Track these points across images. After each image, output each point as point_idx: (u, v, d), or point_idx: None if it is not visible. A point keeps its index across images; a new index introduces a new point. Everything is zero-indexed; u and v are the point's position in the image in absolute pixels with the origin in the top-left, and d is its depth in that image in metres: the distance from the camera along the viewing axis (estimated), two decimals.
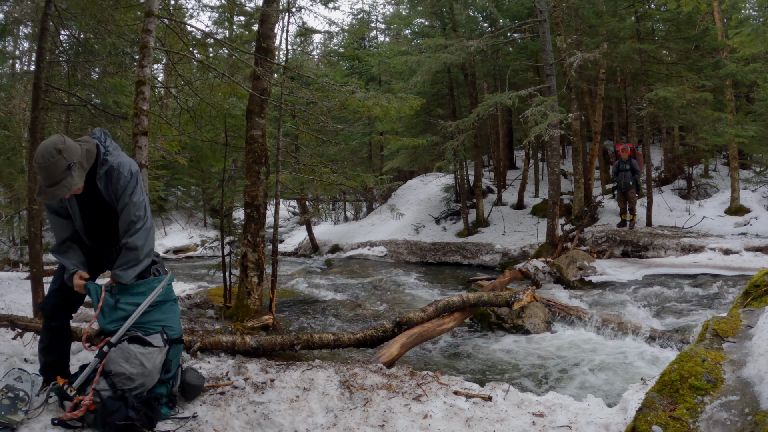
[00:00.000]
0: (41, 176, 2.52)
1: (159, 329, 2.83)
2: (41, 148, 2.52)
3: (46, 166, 2.48)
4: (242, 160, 7.33)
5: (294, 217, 21.37)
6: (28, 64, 14.26)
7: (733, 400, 2.07)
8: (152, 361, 2.72)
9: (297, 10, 7.17)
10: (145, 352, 2.70)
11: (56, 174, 2.50)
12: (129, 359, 2.66)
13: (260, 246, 5.73)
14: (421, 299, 8.16)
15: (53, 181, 2.51)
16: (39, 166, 2.49)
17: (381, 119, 7.66)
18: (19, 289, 6.98)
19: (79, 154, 2.59)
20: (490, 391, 3.25)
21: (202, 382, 3.12)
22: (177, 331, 2.94)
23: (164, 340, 2.81)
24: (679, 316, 6.01)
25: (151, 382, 2.73)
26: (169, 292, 2.99)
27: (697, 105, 10.93)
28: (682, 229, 10.63)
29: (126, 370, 2.64)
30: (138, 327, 2.78)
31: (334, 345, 4.56)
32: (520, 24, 11.84)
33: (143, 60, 3.94)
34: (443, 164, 12.41)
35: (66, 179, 2.52)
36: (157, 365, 2.75)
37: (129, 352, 2.68)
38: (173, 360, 2.88)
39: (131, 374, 2.64)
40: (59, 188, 2.52)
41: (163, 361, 2.80)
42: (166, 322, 2.89)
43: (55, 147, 2.49)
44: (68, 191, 2.56)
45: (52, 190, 2.52)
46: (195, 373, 3.12)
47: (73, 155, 2.55)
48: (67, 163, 2.51)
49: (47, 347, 2.88)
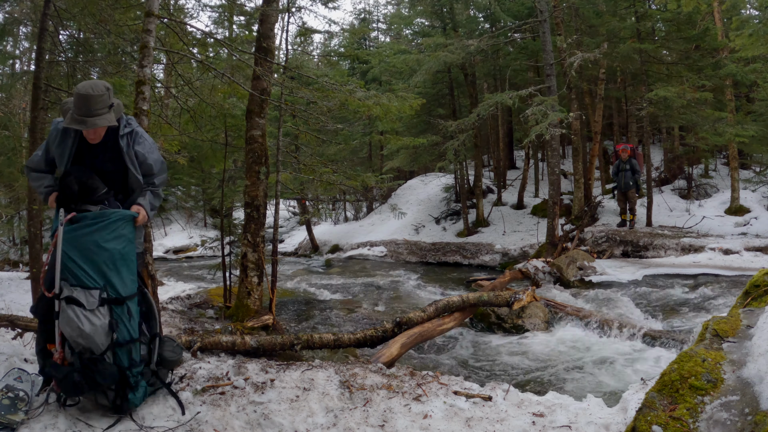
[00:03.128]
0: (82, 105, 2.62)
1: (99, 285, 2.65)
2: (89, 82, 2.71)
3: (93, 96, 2.62)
4: (242, 160, 7.33)
5: (294, 217, 21.36)
6: (28, 64, 14.25)
7: (733, 400, 2.07)
8: (90, 323, 2.58)
9: (297, 9, 7.16)
10: (79, 314, 2.58)
11: (100, 107, 2.65)
12: (69, 322, 2.58)
13: (260, 246, 5.73)
14: (421, 299, 8.16)
15: (94, 113, 2.64)
16: (85, 95, 2.61)
17: (381, 119, 7.66)
18: (19, 289, 6.98)
19: (117, 102, 2.80)
20: (490, 391, 3.25)
21: (178, 356, 3.00)
22: (128, 287, 2.75)
23: (101, 299, 2.63)
24: (679, 316, 6.01)
25: (94, 345, 2.60)
26: (129, 234, 2.81)
27: (697, 105, 10.92)
28: (682, 229, 10.62)
29: (68, 333, 2.60)
30: (80, 278, 2.63)
31: (334, 345, 4.56)
32: (521, 24, 11.84)
33: (143, 60, 3.94)
34: (444, 164, 12.41)
35: (105, 114, 2.68)
36: (98, 327, 2.60)
37: (67, 315, 2.58)
38: (119, 321, 2.68)
39: (71, 337, 2.59)
40: (100, 119, 2.66)
41: (108, 322, 2.64)
42: (111, 276, 2.68)
43: (104, 85, 2.70)
44: (107, 123, 2.69)
45: (91, 119, 2.64)
46: (172, 344, 3.02)
47: (114, 100, 2.76)
48: (110, 102, 2.71)
49: (44, 349, 2.85)
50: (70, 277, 2.63)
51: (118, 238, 2.74)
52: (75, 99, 2.63)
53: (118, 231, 2.75)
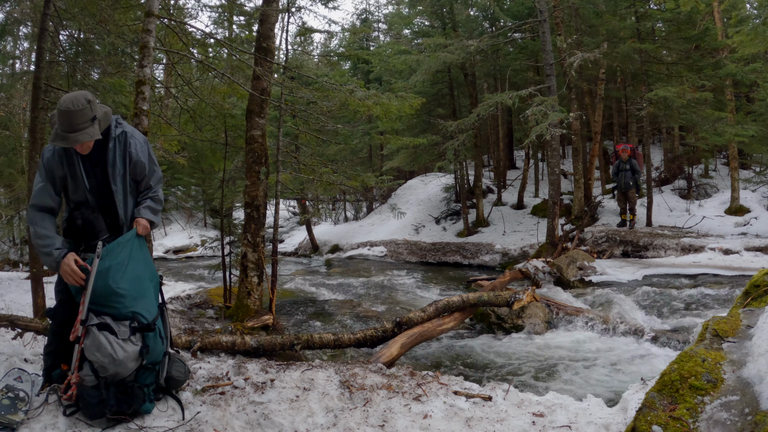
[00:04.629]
0: (63, 122, 2.57)
1: (129, 315, 2.69)
2: (70, 96, 2.62)
3: (74, 112, 2.57)
4: (242, 160, 7.33)
5: (294, 217, 21.36)
6: (28, 64, 14.26)
7: (733, 400, 2.07)
8: (123, 350, 2.62)
9: (297, 9, 7.18)
10: (112, 342, 2.61)
11: (81, 121, 2.59)
12: (100, 348, 2.59)
13: (260, 246, 5.73)
14: (421, 299, 8.16)
15: (76, 128, 2.59)
16: (65, 110, 2.56)
17: (381, 118, 7.65)
18: (19, 289, 6.98)
19: (101, 112, 2.74)
20: (490, 391, 3.25)
21: (184, 376, 3.04)
22: (152, 313, 2.81)
23: (132, 328, 2.68)
24: (679, 316, 6.01)
25: (124, 370, 2.64)
26: (146, 254, 2.88)
27: (697, 105, 10.92)
28: (682, 229, 10.62)
29: (98, 359, 2.60)
30: (109, 307, 2.67)
31: (334, 345, 4.56)
32: (521, 24, 11.84)
33: (143, 60, 3.94)
34: (443, 164, 12.41)
35: (88, 128, 2.63)
36: (130, 354, 2.65)
37: (99, 341, 2.60)
38: (151, 345, 2.75)
39: (103, 363, 2.60)
40: (81, 134, 2.60)
41: (139, 348, 2.69)
42: (137, 307, 2.73)
43: (85, 97, 2.63)
44: (89, 138, 2.63)
45: (73, 135, 2.58)
46: (181, 365, 3.04)
47: (97, 111, 2.69)
48: (92, 115, 2.64)
49: (55, 350, 2.85)
50: (105, 308, 2.66)
51: (140, 262, 2.80)
52: (57, 114, 2.60)
53: (142, 254, 2.82)
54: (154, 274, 2.93)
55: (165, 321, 2.97)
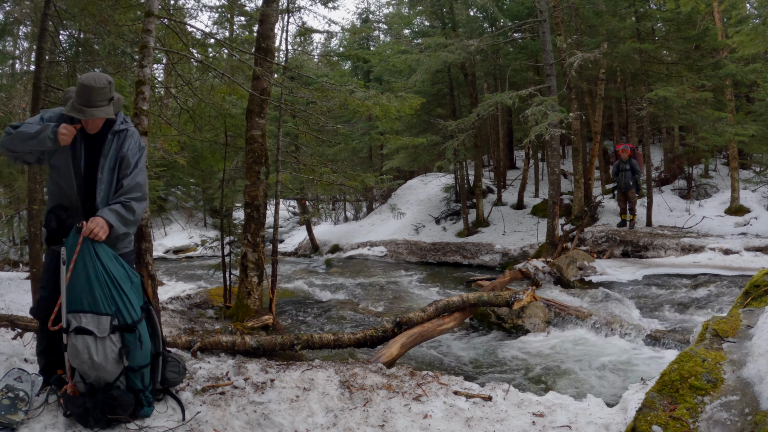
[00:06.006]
0: (83, 95, 2.65)
1: (111, 312, 2.60)
2: (93, 73, 2.74)
3: (96, 88, 2.66)
4: (242, 160, 7.33)
5: (294, 217, 21.37)
6: (28, 64, 14.26)
7: (733, 400, 2.07)
8: (101, 352, 2.55)
9: (297, 10, 7.16)
10: (90, 344, 2.53)
11: (99, 99, 2.68)
12: (78, 355, 2.54)
13: (260, 246, 5.73)
14: (421, 299, 8.16)
15: (93, 104, 2.67)
16: (87, 85, 2.64)
17: (381, 119, 7.65)
18: (19, 289, 6.97)
19: (116, 96, 2.83)
20: (490, 391, 3.25)
21: (180, 376, 3.01)
22: (133, 314, 2.70)
23: (112, 326, 2.59)
24: (679, 316, 6.02)
25: (105, 373, 2.58)
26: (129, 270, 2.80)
27: (697, 105, 10.92)
28: (682, 229, 10.62)
29: (77, 365, 2.57)
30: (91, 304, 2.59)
31: (334, 345, 4.56)
32: (520, 24, 11.84)
33: (143, 60, 3.94)
34: (443, 164, 12.41)
35: (105, 107, 2.72)
36: (109, 355, 2.57)
37: (75, 348, 2.54)
38: (131, 347, 2.65)
39: (83, 369, 2.57)
40: (98, 110, 2.69)
41: (118, 349, 2.60)
42: (120, 305, 2.65)
43: (108, 78, 2.73)
44: (104, 115, 2.72)
45: (90, 110, 2.67)
46: (176, 365, 3.01)
47: (114, 94, 2.79)
48: (111, 95, 2.74)
49: (45, 349, 2.86)
50: (85, 303, 2.58)
51: (112, 260, 2.70)
52: (77, 88, 2.67)
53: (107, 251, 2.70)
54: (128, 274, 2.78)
55: (153, 322, 2.88)
